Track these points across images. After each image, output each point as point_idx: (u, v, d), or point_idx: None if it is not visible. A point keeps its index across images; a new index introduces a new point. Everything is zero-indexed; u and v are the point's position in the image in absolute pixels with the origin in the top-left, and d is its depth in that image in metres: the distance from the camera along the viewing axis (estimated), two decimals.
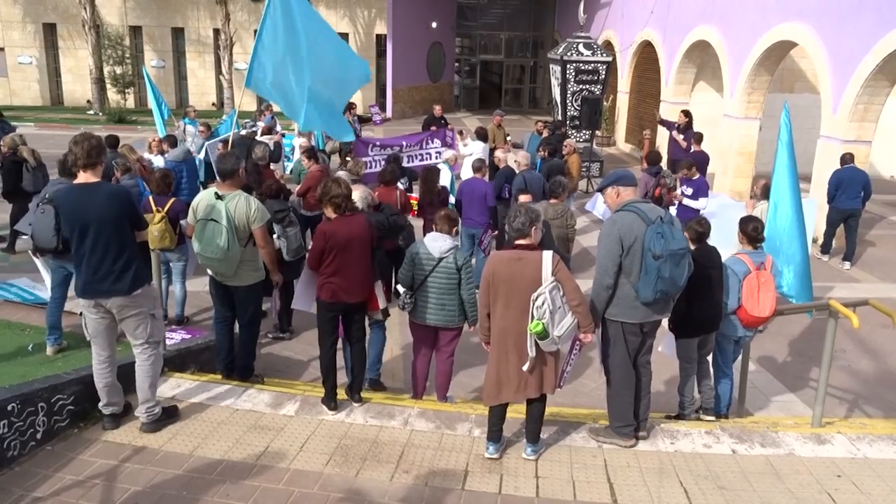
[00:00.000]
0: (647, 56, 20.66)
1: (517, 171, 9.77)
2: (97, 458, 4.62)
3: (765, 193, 8.29)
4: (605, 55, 16.98)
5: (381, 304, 5.85)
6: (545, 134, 13.72)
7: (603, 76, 16.75)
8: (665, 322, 5.55)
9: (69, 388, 4.95)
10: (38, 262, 6.85)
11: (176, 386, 5.68)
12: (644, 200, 5.06)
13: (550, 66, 18.31)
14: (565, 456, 4.89)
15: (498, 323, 4.69)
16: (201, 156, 12.10)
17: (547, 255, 4.57)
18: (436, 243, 5.80)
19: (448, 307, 5.80)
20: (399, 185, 8.90)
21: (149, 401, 5.01)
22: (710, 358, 6.08)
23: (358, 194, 6.38)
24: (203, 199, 5.78)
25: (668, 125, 14.62)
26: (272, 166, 11.03)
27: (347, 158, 10.64)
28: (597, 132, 18.31)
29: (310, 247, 5.81)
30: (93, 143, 4.66)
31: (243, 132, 13.58)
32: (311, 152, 10.40)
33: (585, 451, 4.96)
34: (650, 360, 5.17)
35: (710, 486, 4.57)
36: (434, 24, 29.14)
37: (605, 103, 19.46)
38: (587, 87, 16.62)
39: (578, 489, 4.49)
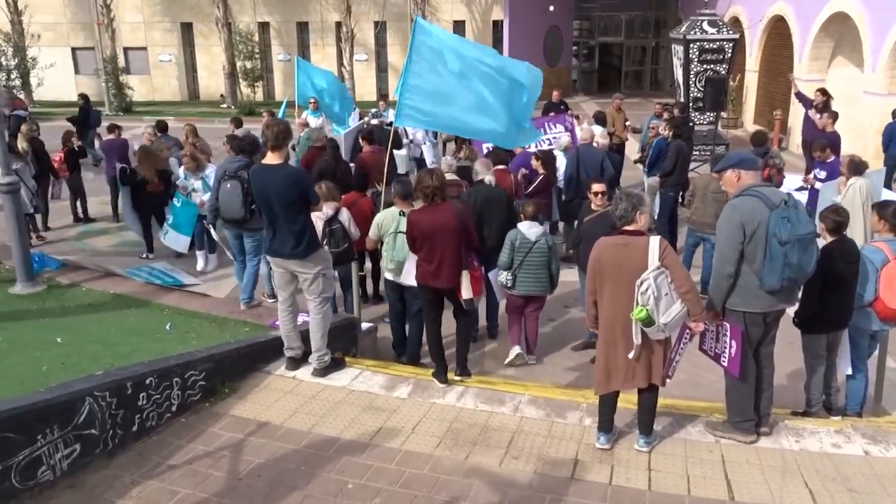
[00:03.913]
0: (778, 31, 19.46)
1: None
2: (225, 431, 4.93)
3: (854, 170, 7.68)
4: (731, 32, 16.15)
5: (465, 294, 5.96)
6: (665, 117, 13.23)
7: (729, 55, 15.92)
8: (790, 312, 5.26)
9: (201, 364, 5.29)
10: (214, 233, 8.05)
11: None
12: (766, 184, 4.80)
13: (672, 46, 17.60)
14: (680, 449, 4.74)
15: (605, 310, 4.61)
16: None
17: (654, 241, 4.45)
18: (530, 230, 6.80)
19: (542, 280, 6.85)
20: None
21: (320, 349, 5.73)
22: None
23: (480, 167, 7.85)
24: (387, 216, 6.74)
25: (806, 102, 13.72)
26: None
27: (462, 146, 10.71)
28: (722, 114, 17.48)
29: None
30: (281, 128, 5.42)
31: (374, 121, 13.97)
32: (369, 134, 10.85)
33: (701, 446, 4.79)
34: (773, 352, 4.92)
35: (839, 488, 4.30)
36: (552, 8, 28.71)
37: (731, 83, 18.54)
38: (712, 66, 15.85)
39: (693, 484, 4.35)
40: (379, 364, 6.37)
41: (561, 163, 10.27)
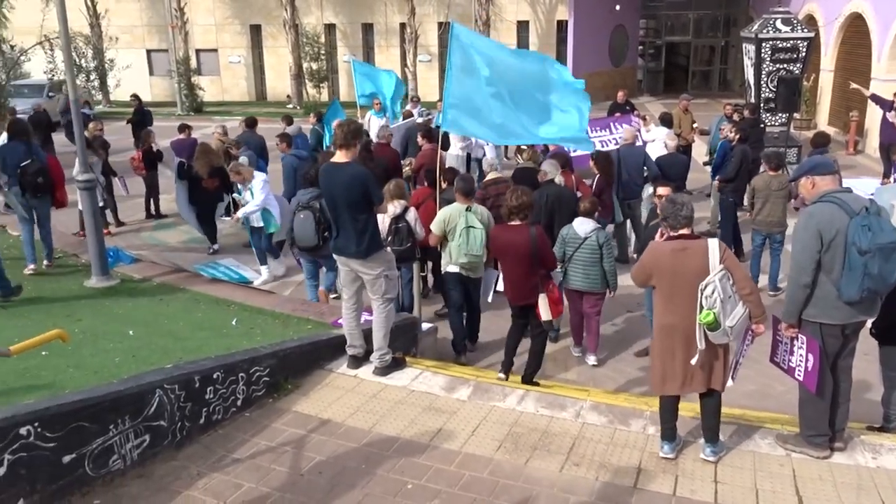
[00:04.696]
0: (855, 29, 18.71)
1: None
2: (288, 427, 5.00)
3: None
4: (805, 31, 15.61)
5: (544, 316, 6.05)
6: (735, 118, 12.86)
7: (803, 54, 15.40)
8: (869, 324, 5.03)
9: (266, 360, 5.39)
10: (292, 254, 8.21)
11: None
12: (845, 189, 4.59)
13: (743, 45, 17.11)
14: (748, 462, 4.59)
15: (662, 318, 4.52)
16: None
17: (713, 243, 4.36)
18: (582, 226, 6.86)
19: (592, 276, 6.86)
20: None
21: (381, 348, 5.78)
22: None
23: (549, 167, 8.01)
24: (453, 212, 6.81)
25: (884, 104, 13.15)
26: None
27: (523, 147, 10.67)
28: (795, 115, 16.90)
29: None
30: (352, 127, 5.52)
31: (420, 120, 14.16)
32: (428, 131, 10.97)
33: (771, 459, 4.62)
34: (851, 365, 4.71)
35: None
36: (618, 7, 28.27)
37: (804, 83, 17.91)
38: (785, 66, 15.36)
39: (762, 499, 4.20)
40: (439, 365, 6.38)
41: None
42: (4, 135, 9.27)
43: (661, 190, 7.03)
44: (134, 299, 7.61)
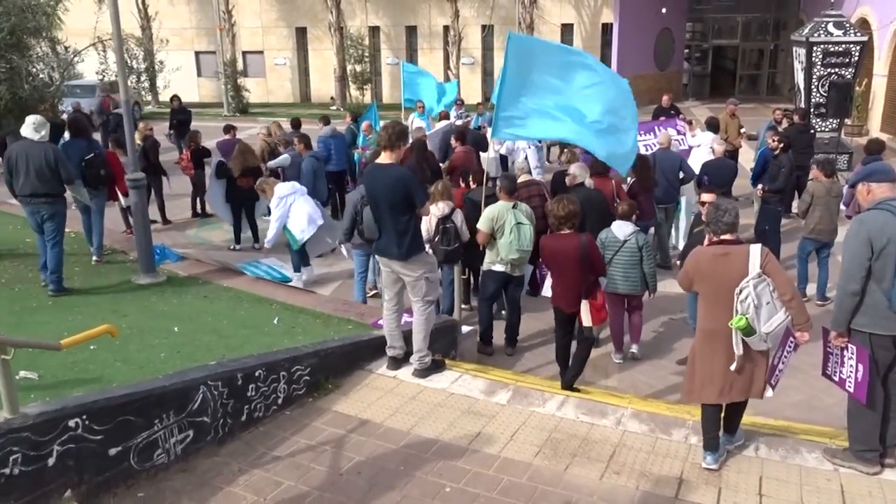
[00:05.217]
0: None
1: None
2: (328, 426, 5.04)
3: None
4: (858, 34, 15.23)
5: (585, 321, 6.04)
6: (784, 124, 12.60)
7: (856, 58, 15.02)
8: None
9: (307, 359, 5.44)
10: (343, 248, 8.33)
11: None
12: None
13: (794, 48, 16.77)
14: (794, 476, 4.47)
15: (704, 323, 4.53)
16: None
17: (755, 249, 4.32)
18: (621, 229, 6.94)
19: (632, 278, 6.93)
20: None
21: (421, 350, 5.78)
22: None
23: (579, 170, 8.00)
24: (500, 210, 6.91)
25: None
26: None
27: (565, 150, 10.62)
28: (846, 120, 16.49)
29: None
30: (397, 129, 5.53)
31: (459, 122, 14.25)
32: (461, 134, 11.32)
33: (818, 474, 4.50)
34: None
35: None
36: (664, 10, 27.92)
37: (856, 88, 17.46)
38: (836, 70, 15.00)
39: None
40: (478, 368, 6.36)
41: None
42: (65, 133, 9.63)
43: (706, 196, 6.94)
44: (179, 296, 7.75)
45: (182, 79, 30.18)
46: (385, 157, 5.55)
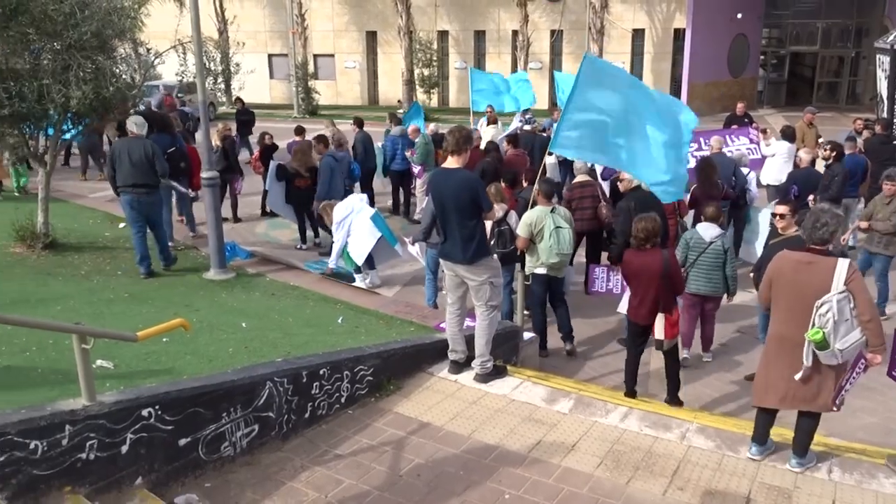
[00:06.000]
0: None
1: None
2: (389, 427, 5.08)
3: None
4: None
5: (658, 335, 6.03)
6: (865, 134, 12.09)
7: None
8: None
9: (370, 360, 5.49)
10: (417, 248, 8.42)
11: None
12: None
13: (877, 56, 16.13)
14: (870, 502, 4.28)
15: (777, 327, 4.48)
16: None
17: (842, 263, 4.21)
18: (707, 231, 6.95)
19: (714, 280, 6.92)
20: None
21: (483, 355, 5.77)
22: None
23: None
24: (539, 214, 6.97)
25: None
26: None
27: None
28: None
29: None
30: (463, 133, 5.53)
31: (527, 127, 14.25)
32: (513, 138, 11.62)
33: None
34: None
35: None
36: (739, 15, 27.20)
37: None
38: None
39: None
40: (540, 375, 6.30)
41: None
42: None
43: (780, 209, 6.70)
44: (248, 293, 7.95)
45: (255, 81, 30.99)
46: (452, 162, 5.56)
